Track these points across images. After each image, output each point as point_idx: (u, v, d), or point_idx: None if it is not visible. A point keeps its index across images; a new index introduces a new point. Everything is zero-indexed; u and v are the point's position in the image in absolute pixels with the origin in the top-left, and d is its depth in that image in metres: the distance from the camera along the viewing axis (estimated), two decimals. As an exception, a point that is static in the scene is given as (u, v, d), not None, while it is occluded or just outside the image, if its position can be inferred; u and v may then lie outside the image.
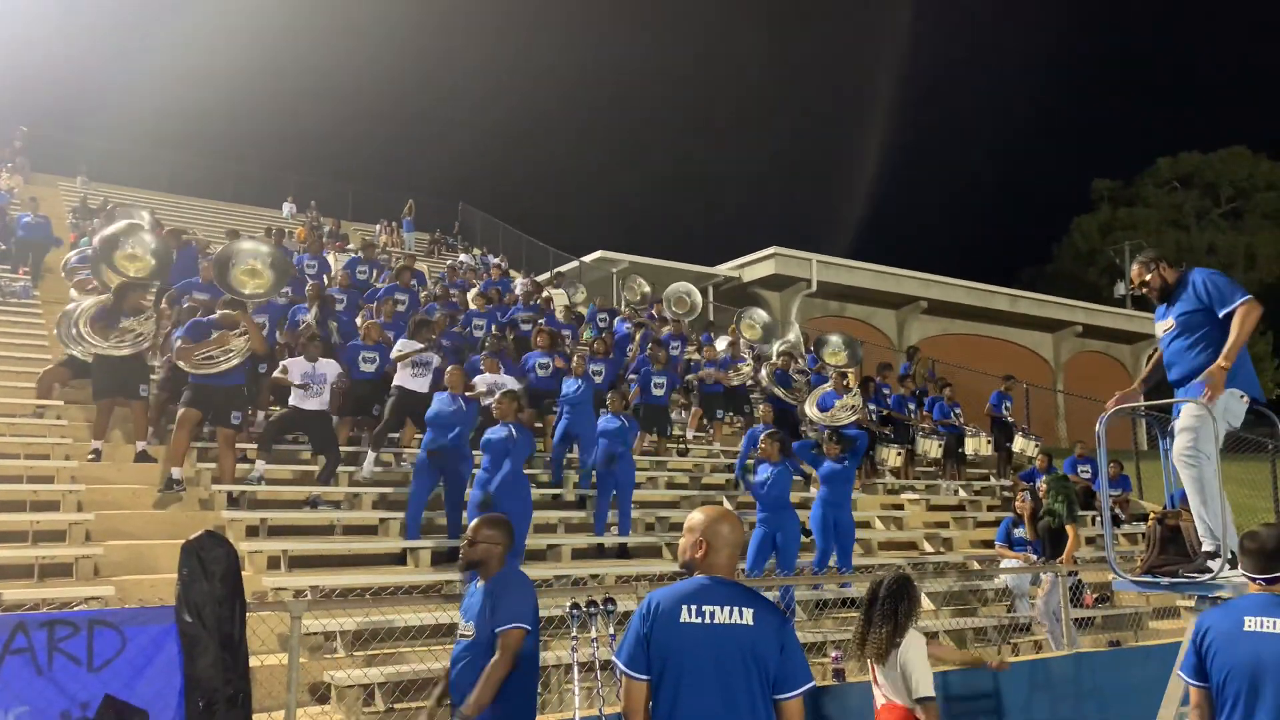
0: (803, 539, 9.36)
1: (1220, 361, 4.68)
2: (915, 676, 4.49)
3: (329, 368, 9.40)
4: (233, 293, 9.63)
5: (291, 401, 9.19)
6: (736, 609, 3.02)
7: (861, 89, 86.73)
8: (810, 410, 12.58)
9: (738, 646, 2.97)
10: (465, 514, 8.35)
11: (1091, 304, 30.54)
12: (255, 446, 9.33)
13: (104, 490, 8.34)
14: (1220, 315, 4.75)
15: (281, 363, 9.52)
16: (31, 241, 15.67)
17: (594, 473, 10.13)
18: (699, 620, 3.01)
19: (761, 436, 9.46)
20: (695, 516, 3.19)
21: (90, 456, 8.87)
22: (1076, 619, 8.67)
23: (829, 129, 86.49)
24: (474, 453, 8.90)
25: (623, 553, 9.68)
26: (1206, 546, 4.68)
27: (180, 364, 8.64)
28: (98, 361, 9.06)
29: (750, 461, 9.68)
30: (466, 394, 8.94)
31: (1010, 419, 15.17)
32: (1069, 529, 9.32)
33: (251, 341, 8.76)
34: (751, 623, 3.00)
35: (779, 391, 13.29)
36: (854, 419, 12.26)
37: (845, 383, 12.61)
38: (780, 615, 3.07)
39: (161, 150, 32.84)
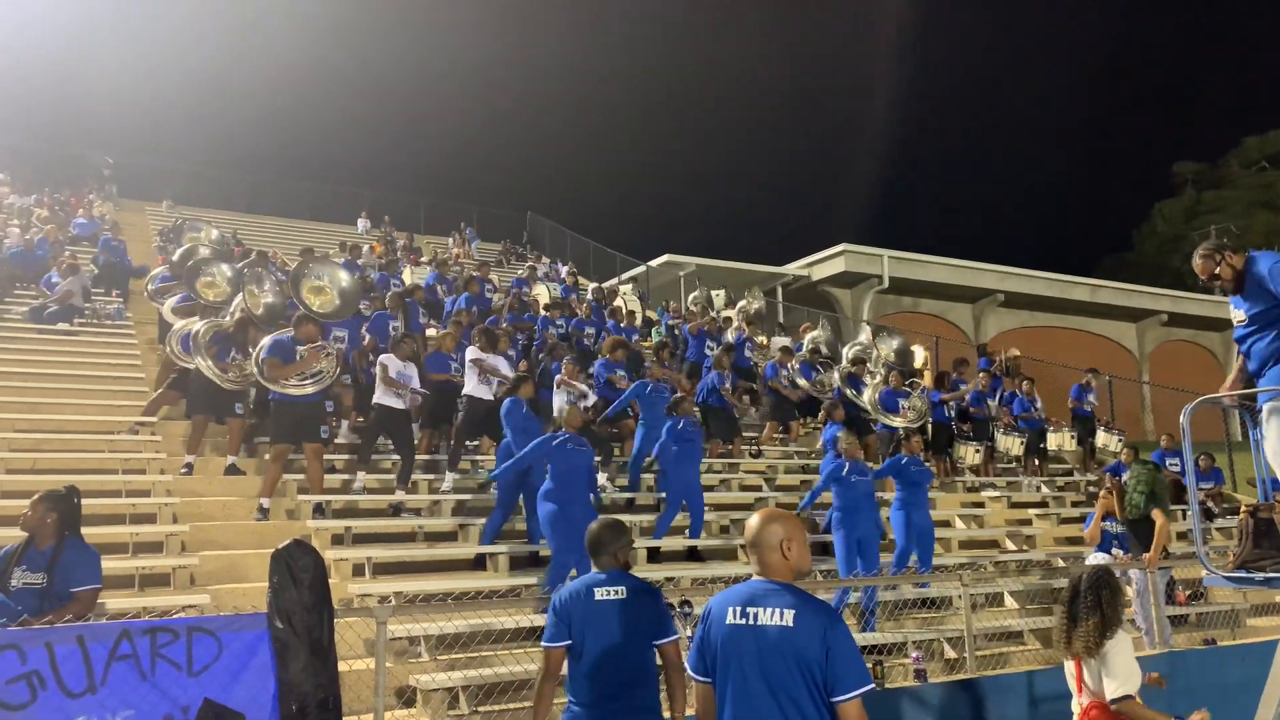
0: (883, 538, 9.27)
1: None
2: (1117, 672, 4.25)
3: (413, 371, 9.70)
4: (302, 305, 9.90)
5: (377, 400, 9.48)
6: (779, 610, 3.02)
7: (928, 75, 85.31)
8: (877, 413, 12.43)
9: (779, 648, 2.98)
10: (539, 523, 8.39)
11: (1177, 291, 29.54)
12: (341, 458, 9.66)
13: (197, 503, 8.68)
14: None
15: (379, 359, 9.78)
16: (113, 264, 16.35)
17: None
18: (743, 622, 3.06)
19: (842, 434, 9.40)
20: (748, 521, 3.25)
21: (183, 471, 9.24)
22: (1169, 616, 8.41)
23: (897, 121, 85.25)
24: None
25: (693, 555, 9.70)
26: None
27: (266, 383, 8.88)
28: (195, 383, 9.46)
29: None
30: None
31: (1093, 412, 14.78)
32: (1155, 515, 8.95)
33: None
34: (792, 624, 2.99)
35: (850, 394, 13.05)
36: (921, 422, 12.07)
37: (906, 383, 12.44)
38: (827, 618, 3.00)
39: (240, 173, 33.97)
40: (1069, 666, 4.50)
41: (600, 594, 3.95)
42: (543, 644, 3.99)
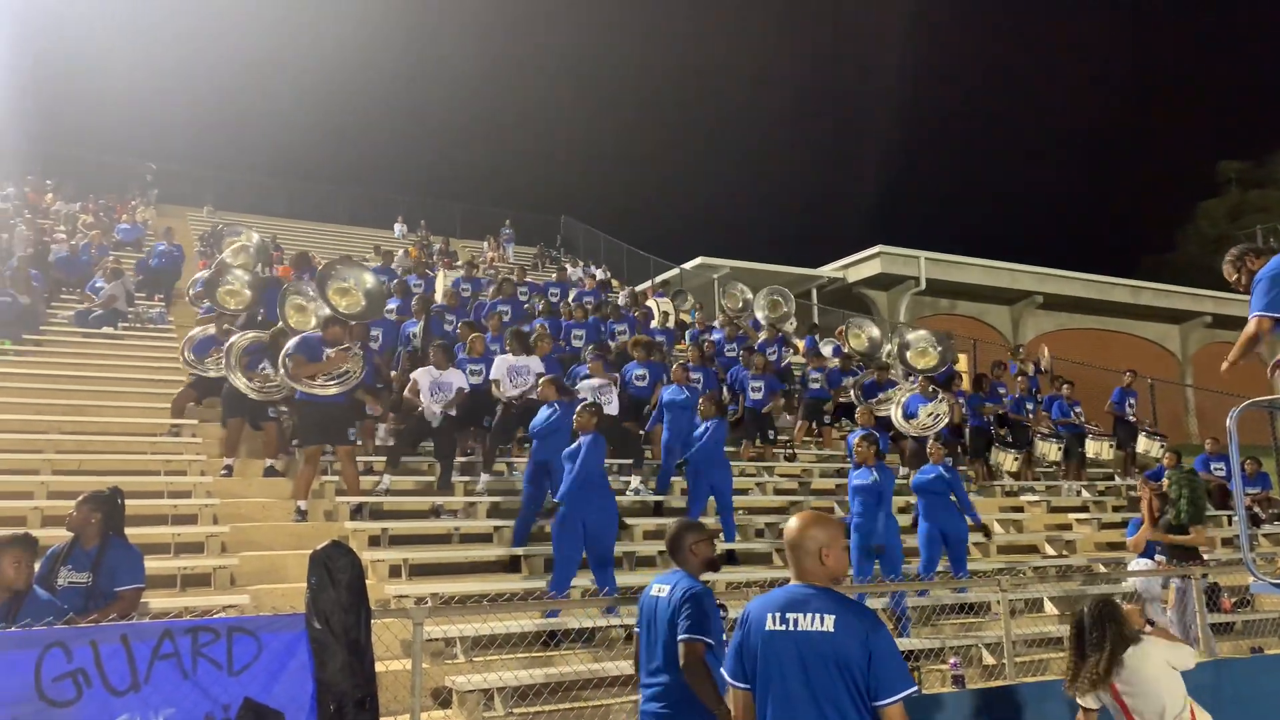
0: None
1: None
2: (1176, 659, 4.45)
3: (454, 377, 9.73)
4: (329, 306, 9.99)
5: (421, 407, 9.55)
6: (819, 615, 3.02)
7: (965, 74, 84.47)
8: (896, 417, 12.22)
9: (820, 653, 2.98)
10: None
11: (1220, 292, 28.94)
12: (380, 459, 9.73)
13: (236, 504, 8.80)
14: None
15: (410, 375, 9.87)
16: (164, 269, 16.65)
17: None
18: (783, 628, 3.06)
19: (855, 440, 9.29)
20: (787, 524, 3.25)
21: (222, 472, 9.37)
22: (1214, 624, 8.24)
23: (933, 121, 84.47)
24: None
25: (730, 559, 9.66)
26: None
27: (290, 381, 8.96)
28: (228, 390, 9.59)
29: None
30: (563, 399, 9.03)
31: (1134, 417, 14.54)
32: (1192, 530, 8.78)
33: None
34: (832, 629, 2.98)
35: (866, 405, 12.71)
36: (941, 426, 11.87)
37: (931, 388, 12.27)
38: (867, 622, 2.99)
39: (278, 178, 34.44)
40: (1107, 699, 4.51)
41: (653, 590, 4.24)
42: None
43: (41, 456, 9.02)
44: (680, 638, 3.88)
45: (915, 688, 2.96)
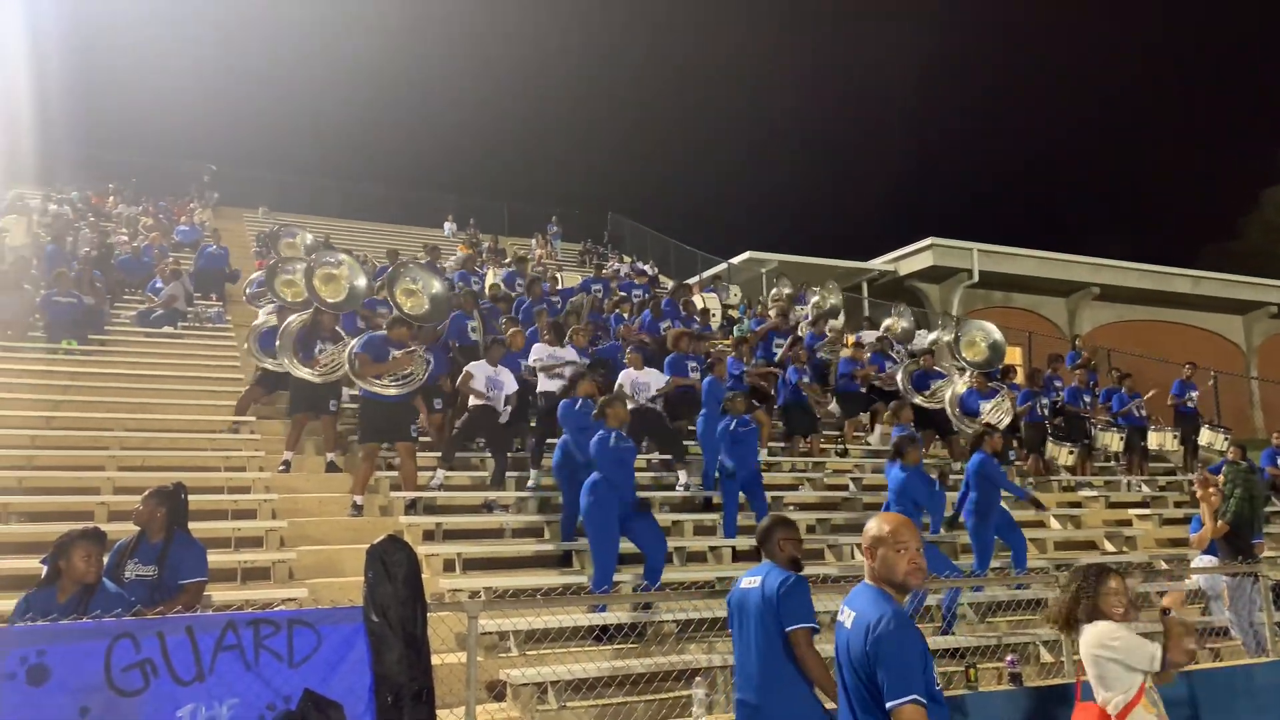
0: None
1: None
2: (1132, 659, 4.11)
3: (506, 376, 9.84)
4: (395, 307, 10.15)
5: (473, 401, 9.69)
6: (851, 613, 3.14)
7: (1017, 65, 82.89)
8: (953, 414, 12.05)
9: (846, 649, 3.12)
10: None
11: (1287, 282, 28.08)
12: (435, 454, 9.86)
13: (295, 499, 8.96)
14: None
15: (465, 368, 9.98)
16: (208, 270, 16.92)
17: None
18: (841, 620, 3.23)
19: (903, 438, 9.13)
20: None
21: (281, 468, 9.55)
22: (1280, 623, 8.02)
23: (986, 111, 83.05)
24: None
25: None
26: None
27: (354, 378, 9.12)
28: (295, 383, 9.76)
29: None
30: (595, 395, 9.08)
31: (1195, 409, 14.19)
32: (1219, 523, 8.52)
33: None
34: (850, 627, 3.10)
35: (920, 400, 12.52)
36: (1007, 422, 11.69)
37: (990, 383, 12.07)
38: (878, 622, 2.96)
39: (331, 179, 34.98)
40: None
41: (744, 584, 4.40)
42: None
43: (107, 453, 9.26)
44: (786, 629, 4.09)
45: (913, 696, 2.87)
